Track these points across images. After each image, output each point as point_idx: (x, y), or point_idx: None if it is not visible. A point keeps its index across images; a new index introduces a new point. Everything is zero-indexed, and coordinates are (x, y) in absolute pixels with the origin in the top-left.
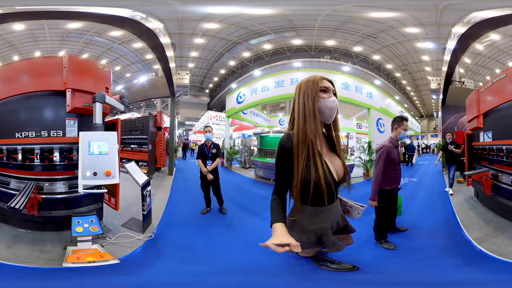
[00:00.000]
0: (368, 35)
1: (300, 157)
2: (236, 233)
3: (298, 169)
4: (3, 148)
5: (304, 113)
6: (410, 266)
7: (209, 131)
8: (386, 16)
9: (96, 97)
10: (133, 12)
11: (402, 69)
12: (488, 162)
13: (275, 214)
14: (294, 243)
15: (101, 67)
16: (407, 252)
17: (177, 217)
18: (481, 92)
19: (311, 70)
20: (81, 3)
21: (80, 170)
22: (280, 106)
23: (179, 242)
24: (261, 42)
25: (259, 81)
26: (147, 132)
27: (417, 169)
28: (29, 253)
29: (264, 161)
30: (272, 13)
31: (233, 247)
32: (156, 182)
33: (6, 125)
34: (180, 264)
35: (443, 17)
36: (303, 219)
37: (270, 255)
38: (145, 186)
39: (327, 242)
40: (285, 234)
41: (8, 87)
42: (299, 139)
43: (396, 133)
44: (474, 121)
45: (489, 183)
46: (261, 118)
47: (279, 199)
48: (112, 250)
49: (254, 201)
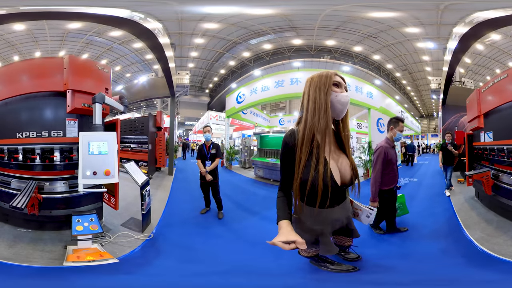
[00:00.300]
0: (368, 35)
1: (302, 155)
2: (234, 233)
3: (299, 167)
4: (4, 148)
5: (315, 107)
6: (411, 267)
7: (208, 131)
8: (386, 16)
9: (96, 98)
10: (132, 13)
11: (402, 69)
12: (489, 162)
13: (280, 211)
14: (299, 240)
15: (101, 68)
16: (409, 252)
17: (176, 217)
18: (482, 92)
19: (311, 70)
20: (81, 3)
21: (80, 169)
22: (280, 106)
23: (178, 241)
24: (261, 42)
25: (259, 81)
26: (147, 132)
27: (417, 169)
28: (30, 252)
29: (264, 161)
30: (271, 13)
31: (231, 246)
32: (156, 182)
33: (7, 126)
34: (178, 263)
35: (443, 17)
36: (304, 218)
37: (268, 256)
38: (144, 186)
39: (321, 244)
40: (291, 231)
41: (9, 87)
42: (304, 135)
43: (392, 134)
44: (475, 121)
45: (490, 183)
46: (261, 118)
47: (284, 196)
48: (112, 250)
49: (254, 201)
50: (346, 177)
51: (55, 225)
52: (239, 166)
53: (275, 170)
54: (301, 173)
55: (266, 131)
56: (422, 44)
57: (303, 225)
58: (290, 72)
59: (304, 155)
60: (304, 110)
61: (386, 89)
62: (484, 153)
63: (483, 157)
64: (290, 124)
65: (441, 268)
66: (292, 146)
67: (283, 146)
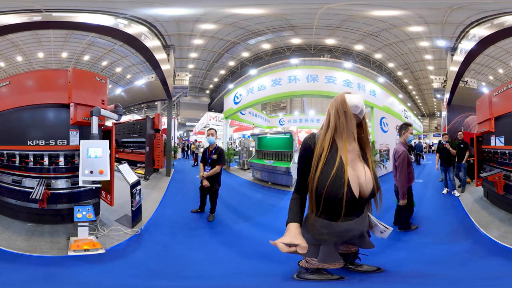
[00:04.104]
0: (370, 34)
1: (321, 160)
2: (221, 237)
3: (315, 172)
4: (16, 153)
5: (336, 111)
6: (453, 274)
7: (211, 134)
8: (388, 15)
9: (93, 111)
10: (116, 20)
11: (404, 68)
12: (497, 164)
13: (292, 213)
14: (302, 245)
15: (99, 79)
16: (437, 257)
17: (166, 217)
18: (494, 95)
19: (309, 67)
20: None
21: (81, 169)
22: (281, 106)
23: (160, 239)
24: (260, 42)
25: (255, 80)
26: (145, 134)
27: (421, 169)
28: (42, 244)
29: (262, 163)
30: (264, 13)
31: (209, 251)
32: (152, 183)
33: (17, 133)
34: (149, 259)
35: (452, 16)
36: (313, 225)
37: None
38: (134, 185)
39: (321, 251)
40: (297, 235)
41: (19, 97)
42: (324, 139)
43: (404, 137)
44: (485, 123)
45: (502, 183)
46: (261, 119)
47: (299, 198)
48: (104, 241)
49: (248, 205)
50: (367, 189)
51: (59, 218)
52: (238, 168)
53: (273, 172)
54: (316, 180)
55: (264, 132)
56: (427, 43)
57: (311, 231)
58: (287, 70)
59: (322, 160)
60: (326, 120)
61: (387, 87)
62: (495, 156)
63: (493, 160)
64: (291, 124)
65: (483, 267)
66: (311, 148)
67: (302, 148)
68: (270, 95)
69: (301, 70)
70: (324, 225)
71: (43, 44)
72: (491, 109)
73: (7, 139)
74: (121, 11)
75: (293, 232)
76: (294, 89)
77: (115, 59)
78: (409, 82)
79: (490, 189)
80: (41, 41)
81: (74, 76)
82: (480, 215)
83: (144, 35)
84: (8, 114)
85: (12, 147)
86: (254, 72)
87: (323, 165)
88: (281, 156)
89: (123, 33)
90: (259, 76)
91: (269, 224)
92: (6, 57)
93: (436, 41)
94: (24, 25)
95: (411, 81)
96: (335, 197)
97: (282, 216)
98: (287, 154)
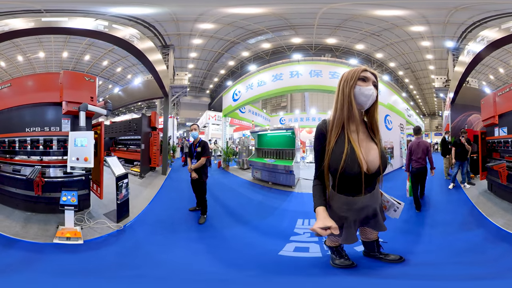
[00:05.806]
0: (371, 33)
1: (331, 140)
2: (209, 242)
3: (328, 153)
4: (16, 140)
5: (342, 99)
6: (486, 262)
7: (194, 129)
8: (390, 14)
9: (81, 107)
10: (96, 22)
11: (405, 67)
12: (500, 153)
13: (316, 198)
14: (334, 225)
15: (87, 79)
16: (462, 246)
17: (154, 216)
18: (498, 95)
19: (312, 62)
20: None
21: (69, 156)
22: (282, 105)
23: (142, 238)
24: (260, 42)
25: (255, 76)
26: (140, 132)
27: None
28: (36, 231)
29: (262, 162)
30: (263, 12)
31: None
32: (147, 181)
33: (18, 123)
34: (115, 257)
35: (455, 16)
36: (334, 204)
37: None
38: (121, 178)
39: (344, 231)
40: (326, 217)
41: (19, 98)
42: (333, 124)
43: (419, 136)
44: (489, 120)
45: (505, 173)
46: (261, 118)
47: (320, 184)
48: (86, 233)
49: (246, 207)
50: (374, 166)
51: (51, 207)
52: (237, 167)
53: (274, 172)
54: (328, 158)
55: (265, 128)
56: (428, 43)
57: (332, 211)
58: (289, 65)
59: (333, 141)
60: (334, 102)
61: (390, 86)
62: (499, 145)
63: (496, 150)
64: (291, 123)
65: (490, 257)
66: (324, 132)
67: (316, 133)
68: (270, 91)
69: (304, 66)
70: (342, 199)
71: (44, 45)
72: (495, 107)
73: (8, 128)
74: (116, 12)
75: (322, 216)
76: (296, 83)
77: (115, 59)
78: (410, 82)
79: (494, 181)
80: (41, 41)
81: (64, 77)
82: (486, 206)
83: (136, 38)
84: (8, 112)
85: (13, 134)
86: (253, 68)
87: (334, 144)
88: (282, 154)
89: (112, 37)
90: (258, 72)
91: (268, 229)
92: (7, 57)
93: (437, 41)
94: (19, 32)
95: (412, 80)
96: (349, 172)
97: (284, 219)
98: (289, 152)
